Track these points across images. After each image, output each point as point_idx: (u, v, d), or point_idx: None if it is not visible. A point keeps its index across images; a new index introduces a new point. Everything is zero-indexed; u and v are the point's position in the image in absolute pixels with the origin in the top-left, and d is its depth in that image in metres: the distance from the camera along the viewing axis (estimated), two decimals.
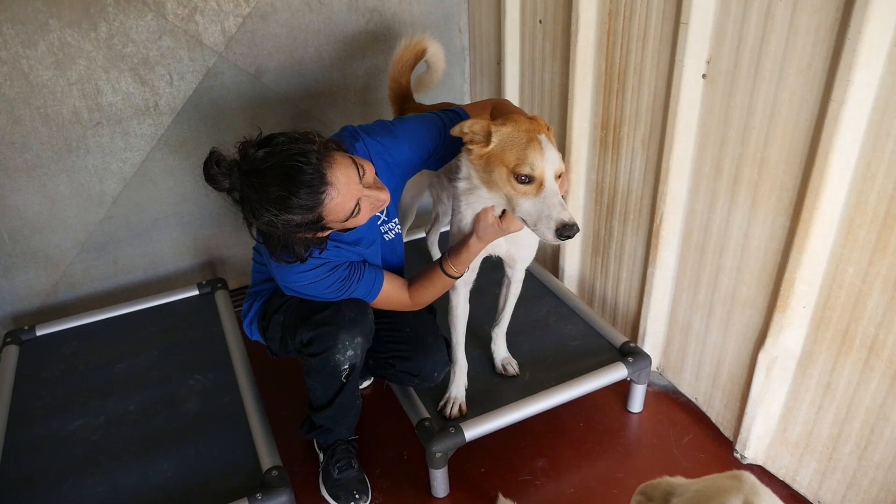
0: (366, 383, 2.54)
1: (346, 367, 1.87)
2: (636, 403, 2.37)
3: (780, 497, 1.01)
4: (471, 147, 1.72)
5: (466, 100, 3.29)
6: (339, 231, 1.76)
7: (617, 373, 2.22)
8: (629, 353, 2.28)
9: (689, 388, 2.39)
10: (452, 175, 1.89)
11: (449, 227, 2.00)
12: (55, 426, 2.11)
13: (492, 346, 2.29)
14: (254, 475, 1.89)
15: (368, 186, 1.67)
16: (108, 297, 2.85)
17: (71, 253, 2.74)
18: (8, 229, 2.58)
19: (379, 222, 1.97)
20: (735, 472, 1.06)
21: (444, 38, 3.04)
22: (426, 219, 2.96)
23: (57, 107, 2.47)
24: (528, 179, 1.63)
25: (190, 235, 2.93)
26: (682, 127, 2.04)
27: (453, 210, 1.93)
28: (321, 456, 2.15)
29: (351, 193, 1.62)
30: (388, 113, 2.52)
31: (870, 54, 1.47)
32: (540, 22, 2.57)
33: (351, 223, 1.68)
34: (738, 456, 2.16)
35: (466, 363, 2.13)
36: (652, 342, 2.45)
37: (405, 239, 2.77)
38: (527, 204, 1.64)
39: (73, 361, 2.40)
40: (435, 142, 1.92)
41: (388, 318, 2.03)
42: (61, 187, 2.60)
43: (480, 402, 2.12)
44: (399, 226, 2.08)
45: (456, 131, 1.74)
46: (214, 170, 1.58)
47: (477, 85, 3.20)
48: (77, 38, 2.40)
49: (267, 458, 1.93)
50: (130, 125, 2.62)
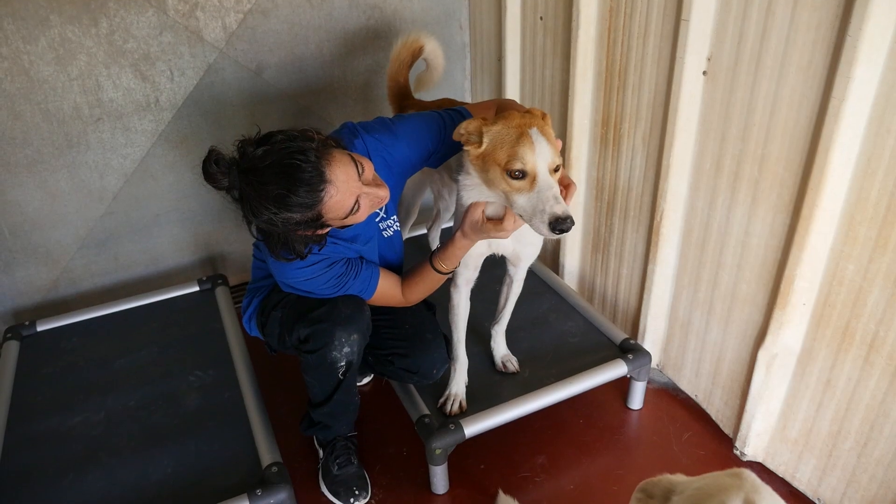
0: (366, 380, 2.54)
1: (342, 363, 1.87)
2: (636, 400, 2.37)
3: (780, 494, 1.01)
4: (468, 148, 1.72)
5: (467, 96, 3.28)
6: (337, 228, 1.76)
7: (617, 370, 2.22)
8: (629, 349, 2.28)
9: (689, 384, 2.39)
10: (456, 172, 1.88)
11: (452, 223, 2.00)
12: (55, 422, 2.12)
13: (492, 343, 2.29)
14: (253, 471, 1.90)
15: (367, 183, 1.67)
16: (108, 293, 2.86)
17: (71, 249, 2.74)
18: (8, 225, 2.58)
19: (377, 219, 1.97)
20: (735, 469, 1.05)
21: (445, 35, 3.04)
22: (428, 215, 2.96)
23: (58, 102, 2.47)
24: (521, 175, 1.62)
25: (190, 231, 2.93)
26: (682, 124, 2.04)
27: (455, 207, 1.93)
28: (321, 452, 2.15)
29: (350, 191, 1.62)
30: (389, 110, 2.52)
31: (870, 51, 1.47)
32: (541, 18, 2.57)
33: (350, 220, 1.68)
34: (737, 453, 2.17)
35: (467, 360, 2.13)
36: (652, 339, 2.45)
37: (407, 236, 2.77)
38: (521, 199, 1.64)
39: (74, 357, 2.40)
40: (435, 141, 1.92)
41: (387, 315, 2.03)
42: (62, 183, 2.60)
43: (480, 399, 2.12)
44: (398, 223, 2.07)
45: (455, 136, 1.73)
46: (213, 168, 1.58)
47: (478, 81, 3.19)
48: (78, 33, 2.40)
49: (267, 454, 1.93)
50: (131, 121, 2.62)
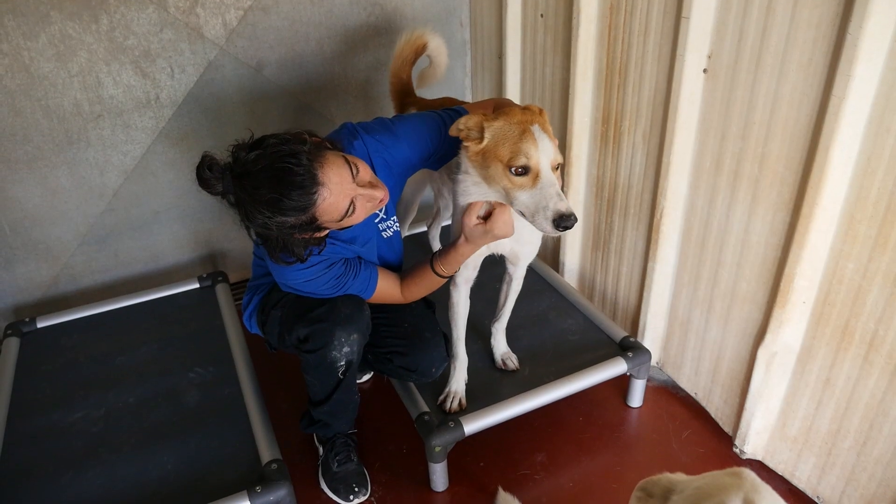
0: (365, 377, 2.55)
1: (342, 363, 1.87)
2: (636, 398, 2.37)
3: (779, 492, 1.01)
4: (467, 144, 1.72)
5: (468, 94, 3.28)
6: (335, 229, 1.76)
7: (616, 367, 2.22)
8: (629, 347, 2.28)
9: (689, 382, 2.39)
10: (453, 171, 1.88)
11: (451, 221, 2.00)
12: (55, 418, 2.12)
13: (492, 340, 2.29)
14: (253, 468, 1.90)
15: (363, 185, 1.65)
16: (108, 290, 2.86)
17: (72, 245, 2.74)
18: (9, 221, 2.59)
19: (377, 220, 1.97)
20: (735, 469, 1.05)
21: (446, 32, 3.04)
22: (428, 213, 2.96)
23: (58, 99, 2.47)
24: (524, 171, 1.61)
25: (190, 228, 2.93)
26: (682, 122, 2.03)
27: (455, 208, 1.93)
28: (321, 449, 2.16)
29: (344, 193, 1.61)
30: (390, 107, 2.52)
31: (871, 49, 1.47)
32: (541, 16, 2.57)
33: (347, 222, 1.68)
34: (737, 451, 2.17)
35: (467, 358, 2.13)
36: (652, 337, 2.45)
37: (407, 233, 2.77)
38: (524, 196, 1.63)
39: (74, 354, 2.41)
40: (435, 141, 1.91)
41: (386, 313, 2.03)
42: (62, 179, 2.60)
43: (480, 397, 2.12)
44: (398, 223, 2.07)
45: (453, 131, 1.73)
46: (207, 174, 1.58)
47: (478, 79, 3.19)
48: (78, 30, 2.40)
49: (266, 451, 1.93)
50: (131, 118, 2.62)
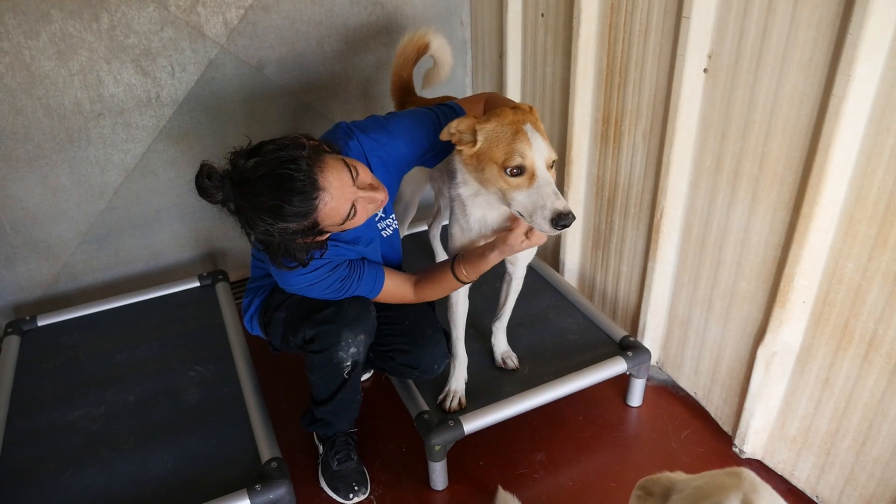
0: (366, 375, 2.55)
1: (348, 363, 1.87)
2: (635, 397, 2.37)
3: (779, 492, 1.01)
4: (461, 148, 1.71)
5: (468, 93, 3.28)
6: (337, 232, 1.76)
7: (616, 367, 2.22)
8: (629, 347, 2.28)
9: (689, 382, 2.40)
10: (452, 181, 1.86)
11: (449, 225, 1.99)
12: (56, 416, 2.12)
13: (492, 339, 2.29)
14: (253, 466, 1.90)
15: (363, 187, 1.65)
16: (109, 288, 2.86)
17: (72, 244, 2.74)
18: (9, 219, 2.59)
19: (377, 219, 1.97)
20: (734, 468, 1.05)
21: (447, 31, 3.03)
22: (428, 212, 2.96)
23: (59, 97, 2.47)
24: (519, 171, 1.61)
25: (191, 227, 2.93)
26: (682, 121, 2.03)
27: (454, 213, 1.91)
28: (320, 448, 2.16)
29: (345, 196, 1.60)
30: (390, 106, 2.52)
31: (871, 49, 1.47)
32: (542, 15, 2.57)
33: (348, 225, 1.67)
34: (736, 450, 2.17)
35: (466, 357, 2.14)
36: (651, 336, 2.45)
37: (406, 232, 2.78)
38: (520, 196, 1.63)
39: (74, 352, 2.41)
40: (430, 137, 1.91)
41: (387, 311, 2.03)
42: (63, 178, 2.60)
43: (480, 396, 2.12)
44: (396, 222, 2.07)
45: (444, 136, 1.71)
46: (206, 183, 1.57)
47: (479, 78, 3.19)
48: (79, 28, 2.40)
49: (266, 449, 1.93)
50: (132, 116, 2.62)
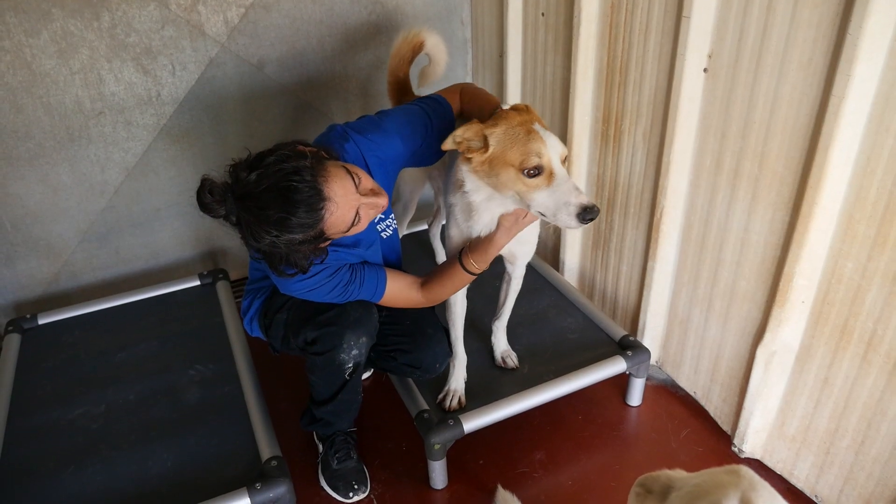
0: (366, 374, 2.55)
1: (350, 365, 1.87)
2: (635, 397, 2.38)
3: (778, 491, 1.01)
4: (470, 156, 1.69)
5: None
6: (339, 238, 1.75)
7: (616, 366, 2.22)
8: (628, 346, 2.28)
9: (688, 381, 2.40)
10: (456, 190, 1.84)
11: (448, 229, 1.97)
12: (56, 415, 2.13)
13: (492, 338, 2.29)
14: (253, 465, 1.90)
15: (365, 193, 1.64)
16: (109, 287, 2.86)
17: (72, 242, 2.75)
18: (10, 218, 2.59)
19: (376, 221, 1.96)
20: (733, 466, 1.05)
21: (447, 31, 3.04)
22: (427, 211, 2.96)
23: (59, 96, 2.47)
24: (538, 172, 1.61)
25: (191, 226, 2.93)
26: (682, 121, 2.04)
27: (454, 217, 1.90)
28: (320, 447, 2.16)
29: (349, 204, 1.60)
30: (389, 105, 2.51)
31: (870, 49, 1.47)
32: (542, 15, 2.57)
33: (352, 232, 1.67)
34: (735, 450, 2.17)
35: (465, 356, 2.14)
36: (651, 336, 2.46)
37: (406, 232, 2.77)
38: (541, 196, 1.62)
39: (75, 350, 2.41)
40: (422, 131, 1.91)
41: (388, 311, 2.03)
42: (63, 176, 2.61)
43: (479, 395, 2.12)
44: (396, 222, 2.07)
45: (448, 145, 1.69)
46: (208, 198, 1.56)
47: (479, 77, 3.19)
48: (80, 27, 2.40)
49: (266, 448, 1.94)
50: (133, 115, 2.62)
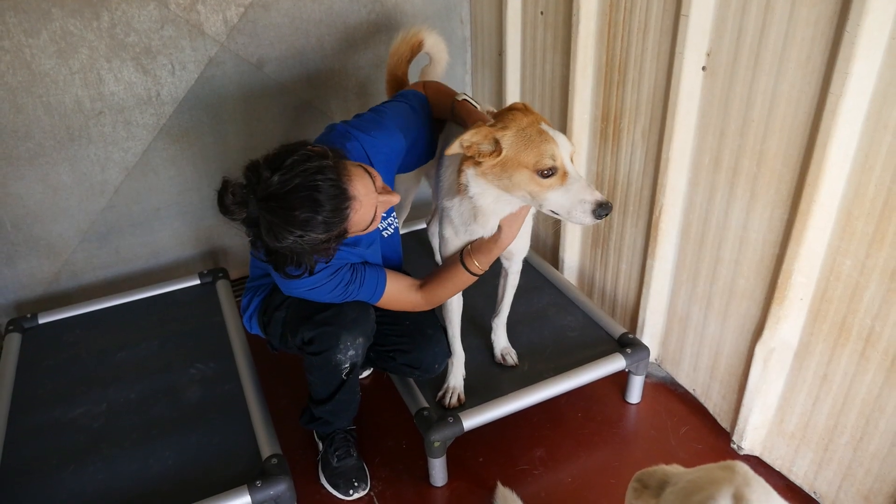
0: (366, 373, 2.55)
1: (346, 365, 1.87)
2: (634, 394, 2.38)
3: (777, 488, 1.01)
4: (480, 160, 1.67)
5: (468, 91, 3.28)
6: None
7: (615, 364, 2.23)
8: (628, 344, 2.28)
9: (687, 379, 2.40)
10: (459, 195, 1.81)
11: (442, 232, 1.97)
12: (57, 414, 2.13)
13: (492, 335, 2.30)
14: (253, 463, 1.91)
15: (380, 192, 1.66)
16: (109, 286, 2.87)
17: (73, 241, 2.75)
18: (10, 217, 2.59)
19: None
20: (728, 462, 1.05)
21: (446, 29, 3.04)
22: (426, 210, 2.97)
23: (59, 96, 2.48)
24: (551, 172, 1.62)
25: (191, 225, 2.94)
26: (681, 119, 2.04)
27: (451, 220, 1.89)
28: (320, 445, 2.16)
29: (370, 203, 1.62)
30: None
31: (868, 47, 1.48)
32: (541, 13, 2.57)
33: (369, 230, 1.69)
34: (734, 447, 2.18)
35: (464, 354, 2.14)
36: (650, 333, 2.46)
37: (403, 231, 2.78)
38: (555, 196, 1.63)
39: (75, 349, 2.41)
40: (414, 125, 1.92)
41: (387, 311, 2.03)
42: (63, 176, 2.61)
43: (479, 392, 2.13)
44: (397, 220, 2.07)
45: (455, 149, 1.67)
46: (230, 199, 1.56)
47: (478, 76, 3.19)
48: (79, 27, 2.41)
49: (267, 446, 1.94)
50: (132, 115, 2.62)
